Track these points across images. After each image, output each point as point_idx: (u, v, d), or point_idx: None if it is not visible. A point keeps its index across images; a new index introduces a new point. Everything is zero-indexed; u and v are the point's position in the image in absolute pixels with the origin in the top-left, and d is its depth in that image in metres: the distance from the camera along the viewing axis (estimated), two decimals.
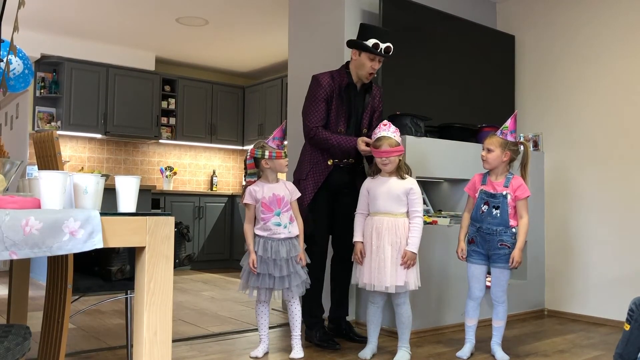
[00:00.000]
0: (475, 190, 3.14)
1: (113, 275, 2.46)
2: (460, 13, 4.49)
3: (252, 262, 2.94)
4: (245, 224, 3.02)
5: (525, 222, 3.06)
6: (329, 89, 3.24)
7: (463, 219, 3.20)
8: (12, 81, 3.23)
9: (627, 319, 2.41)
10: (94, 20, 6.00)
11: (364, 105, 3.35)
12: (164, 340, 1.65)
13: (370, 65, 3.21)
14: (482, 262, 3.10)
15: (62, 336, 2.15)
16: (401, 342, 3.01)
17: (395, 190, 2.96)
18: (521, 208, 3.06)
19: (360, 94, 3.35)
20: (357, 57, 3.24)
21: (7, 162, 1.77)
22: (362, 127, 3.36)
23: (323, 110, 3.24)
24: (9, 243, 1.39)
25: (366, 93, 3.36)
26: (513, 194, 3.05)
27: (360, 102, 3.35)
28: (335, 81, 3.27)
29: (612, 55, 4.21)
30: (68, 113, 6.46)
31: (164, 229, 1.65)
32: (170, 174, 7.27)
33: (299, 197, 3.11)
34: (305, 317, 3.21)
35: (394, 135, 2.96)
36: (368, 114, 3.38)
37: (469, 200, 3.20)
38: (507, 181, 3.08)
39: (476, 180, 3.17)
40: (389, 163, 2.95)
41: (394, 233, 2.92)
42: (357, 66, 3.25)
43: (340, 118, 3.29)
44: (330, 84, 3.25)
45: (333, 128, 3.28)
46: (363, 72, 3.24)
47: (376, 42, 3.16)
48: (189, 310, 4.32)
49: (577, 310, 4.26)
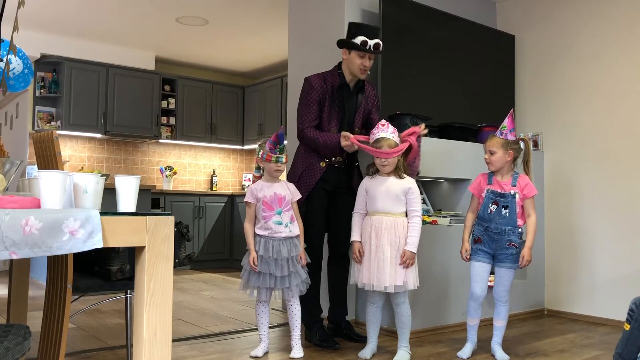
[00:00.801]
0: (481, 190, 3.12)
1: (113, 275, 2.46)
2: (460, 13, 4.49)
3: (252, 260, 2.94)
4: (246, 223, 3.03)
5: (534, 221, 3.06)
6: (320, 91, 3.26)
7: (467, 219, 3.18)
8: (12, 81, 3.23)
9: (627, 319, 2.41)
10: (93, 20, 6.00)
11: (357, 105, 3.37)
12: (164, 340, 1.65)
13: (360, 62, 3.22)
14: (486, 260, 3.09)
15: (62, 336, 2.15)
16: (401, 342, 3.01)
17: (394, 189, 2.96)
18: (529, 207, 3.06)
19: (353, 94, 3.36)
20: (347, 56, 3.26)
21: (7, 162, 1.76)
22: (354, 126, 3.37)
23: (315, 111, 3.26)
24: (9, 243, 1.39)
25: (359, 93, 3.37)
26: (521, 192, 3.05)
27: (353, 102, 3.36)
28: (328, 82, 3.29)
29: (612, 55, 4.21)
30: (68, 113, 6.46)
31: (164, 229, 1.65)
32: (170, 173, 7.27)
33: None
34: (304, 317, 3.21)
35: (392, 135, 2.96)
36: (361, 113, 3.39)
37: (473, 200, 3.18)
38: (514, 180, 3.07)
39: (481, 180, 3.15)
40: (388, 164, 2.95)
41: (393, 233, 2.92)
42: (349, 64, 3.27)
43: (332, 119, 3.30)
44: (322, 86, 3.27)
45: (325, 129, 3.29)
46: (355, 69, 3.25)
47: (364, 39, 3.18)
48: (189, 310, 4.32)
49: (577, 310, 4.26)
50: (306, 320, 3.27)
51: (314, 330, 3.29)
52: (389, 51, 3.91)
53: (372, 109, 3.45)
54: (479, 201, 3.13)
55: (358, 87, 3.36)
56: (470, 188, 3.21)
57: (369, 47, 3.19)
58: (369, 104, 3.43)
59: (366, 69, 3.26)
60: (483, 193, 3.11)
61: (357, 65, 3.23)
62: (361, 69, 3.24)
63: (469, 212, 3.19)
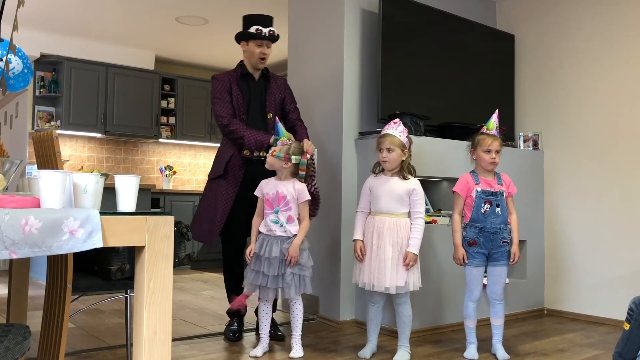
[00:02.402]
0: (469, 191, 3.09)
1: (113, 274, 2.46)
2: (460, 12, 4.49)
3: (249, 251, 3.01)
4: (255, 216, 3.09)
5: (517, 218, 3.14)
6: (226, 82, 3.37)
7: (455, 222, 3.11)
8: (11, 80, 3.23)
9: (626, 318, 2.41)
10: (93, 20, 6.00)
11: (265, 93, 3.45)
12: (164, 339, 1.65)
13: (259, 51, 3.36)
14: (482, 263, 3.09)
15: (62, 335, 2.15)
16: (401, 342, 3.01)
17: (397, 190, 2.96)
18: (511, 204, 3.14)
19: (259, 82, 3.46)
20: (247, 47, 3.39)
21: (7, 162, 1.77)
22: (266, 111, 3.42)
23: (229, 101, 3.35)
24: (9, 242, 1.38)
25: (265, 82, 3.47)
26: (507, 190, 3.11)
27: (261, 89, 3.45)
28: (232, 76, 3.40)
29: (612, 55, 4.21)
30: (67, 112, 6.45)
31: (164, 228, 1.65)
32: (170, 173, 7.26)
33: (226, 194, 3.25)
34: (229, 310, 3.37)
35: (400, 134, 2.96)
36: (272, 100, 3.45)
37: (458, 201, 3.12)
38: (499, 178, 3.13)
39: (468, 180, 3.12)
40: (388, 161, 2.96)
41: (396, 233, 2.92)
42: (249, 56, 3.40)
43: (240, 107, 3.37)
44: (227, 78, 3.39)
45: (236, 116, 3.37)
46: (254, 59, 3.37)
47: (258, 27, 3.31)
48: (189, 310, 4.32)
49: (577, 309, 4.26)
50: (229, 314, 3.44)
51: (228, 324, 3.44)
52: (388, 50, 3.91)
53: (286, 97, 3.52)
54: (464, 202, 3.10)
55: (263, 76, 3.48)
56: (456, 189, 3.13)
57: (264, 34, 3.31)
58: (281, 92, 3.50)
59: (265, 57, 3.38)
60: (472, 193, 3.08)
61: (256, 55, 3.35)
62: (260, 58, 3.36)
63: (455, 215, 3.12)
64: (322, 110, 4.06)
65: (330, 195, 3.89)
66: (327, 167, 3.96)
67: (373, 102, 3.98)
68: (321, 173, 3.98)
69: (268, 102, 3.42)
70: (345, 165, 3.87)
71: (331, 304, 3.87)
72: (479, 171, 3.14)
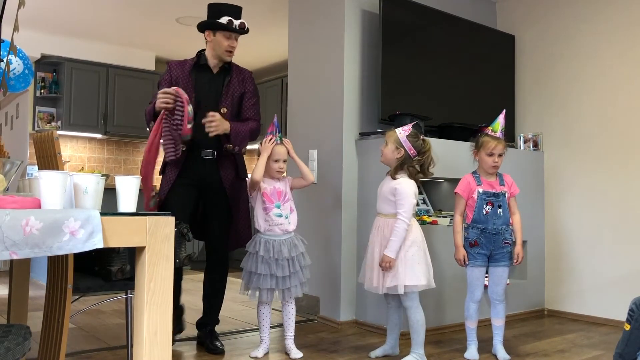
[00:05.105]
0: (471, 192, 3.10)
1: (113, 275, 2.45)
2: (460, 13, 4.49)
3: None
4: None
5: (520, 219, 3.14)
6: (174, 73, 3.15)
7: (457, 223, 3.11)
8: (12, 81, 3.23)
9: (627, 319, 2.41)
10: (94, 20, 6.00)
11: (222, 87, 3.16)
12: (164, 340, 1.65)
13: (227, 44, 3.10)
14: (483, 264, 3.09)
15: (62, 336, 2.15)
16: (412, 347, 2.93)
17: (385, 190, 2.96)
18: (514, 205, 3.13)
19: (218, 75, 3.19)
20: (212, 38, 3.14)
21: (7, 162, 1.77)
22: (220, 106, 3.13)
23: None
24: (9, 243, 1.39)
25: (225, 76, 3.19)
26: (509, 191, 3.11)
27: (217, 83, 3.17)
28: (187, 65, 3.18)
29: (612, 55, 4.21)
30: (68, 113, 6.45)
31: (164, 229, 1.65)
32: None
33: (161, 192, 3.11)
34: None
35: (401, 132, 2.93)
36: (230, 94, 3.17)
37: (460, 202, 3.12)
38: (501, 179, 3.13)
39: (470, 181, 3.13)
40: (381, 155, 3.00)
41: (382, 234, 2.92)
42: (214, 47, 3.14)
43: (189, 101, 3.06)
44: (178, 68, 3.16)
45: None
46: (221, 51, 3.12)
47: (230, 19, 3.09)
48: (189, 310, 4.31)
49: (577, 310, 4.26)
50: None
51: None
52: (389, 51, 3.91)
53: (246, 91, 3.23)
54: (466, 203, 3.10)
55: (224, 70, 3.21)
56: (458, 190, 3.13)
57: (235, 26, 3.09)
58: (242, 86, 3.22)
59: (233, 50, 3.14)
60: (474, 194, 3.08)
61: (224, 47, 3.10)
62: (228, 51, 3.12)
63: (457, 216, 3.12)
64: (322, 111, 4.06)
65: (330, 195, 3.89)
66: (327, 167, 3.96)
67: (373, 102, 3.98)
68: (321, 173, 3.98)
69: (224, 97, 3.15)
70: (345, 165, 3.87)
71: (331, 305, 3.87)
72: (481, 172, 3.14)
